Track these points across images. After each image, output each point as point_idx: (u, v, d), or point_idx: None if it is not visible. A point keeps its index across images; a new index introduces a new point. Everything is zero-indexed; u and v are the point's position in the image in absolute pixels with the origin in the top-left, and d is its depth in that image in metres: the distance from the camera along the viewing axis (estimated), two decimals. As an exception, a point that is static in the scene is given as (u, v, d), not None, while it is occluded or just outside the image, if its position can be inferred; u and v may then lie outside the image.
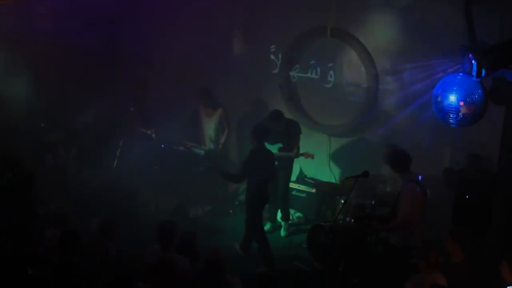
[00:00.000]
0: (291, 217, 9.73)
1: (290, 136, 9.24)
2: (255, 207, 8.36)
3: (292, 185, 9.92)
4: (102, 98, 10.12)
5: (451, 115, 6.92)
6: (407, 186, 7.00)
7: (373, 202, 8.38)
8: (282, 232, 9.56)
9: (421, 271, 5.94)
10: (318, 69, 9.97)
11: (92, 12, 10.02)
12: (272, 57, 10.40)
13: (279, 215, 9.70)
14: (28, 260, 5.98)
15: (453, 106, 6.87)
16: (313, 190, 9.82)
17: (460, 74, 6.97)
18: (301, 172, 10.15)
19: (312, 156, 9.27)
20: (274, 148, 9.27)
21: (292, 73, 10.24)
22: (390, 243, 7.14)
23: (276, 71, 10.36)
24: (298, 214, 9.89)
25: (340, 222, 8.37)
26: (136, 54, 10.83)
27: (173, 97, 11.00)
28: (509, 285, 5.66)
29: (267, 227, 9.66)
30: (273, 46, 10.37)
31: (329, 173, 9.98)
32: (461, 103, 6.84)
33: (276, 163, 9.26)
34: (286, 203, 9.58)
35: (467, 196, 7.94)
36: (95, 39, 9.94)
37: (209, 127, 10.33)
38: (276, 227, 9.69)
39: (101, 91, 10.28)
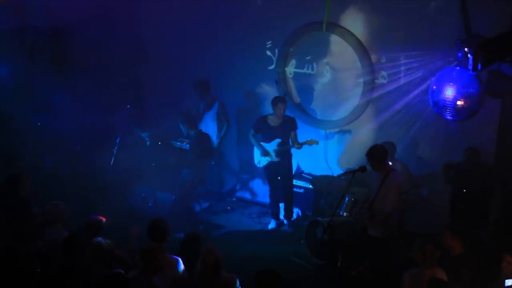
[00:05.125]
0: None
1: (286, 132, 9.27)
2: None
3: (290, 181, 9.92)
4: (98, 96, 10.12)
5: (448, 109, 6.94)
6: (393, 176, 7.04)
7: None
8: (287, 229, 9.57)
9: (419, 264, 5.96)
10: (314, 64, 9.96)
11: (86, 9, 9.99)
12: (268, 53, 10.38)
13: (281, 213, 9.71)
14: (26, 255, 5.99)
15: (449, 100, 6.89)
16: (311, 186, 9.82)
17: (457, 67, 6.99)
18: (298, 167, 10.15)
19: (316, 142, 9.28)
20: (272, 144, 9.28)
21: (288, 69, 10.23)
22: (370, 236, 7.22)
23: (272, 66, 10.34)
24: (296, 209, 9.88)
25: (338, 217, 8.38)
26: (131, 51, 10.81)
27: (169, 93, 10.99)
28: (508, 278, 5.68)
29: (271, 225, 9.68)
30: (270, 42, 10.34)
31: (327, 168, 9.98)
32: (458, 97, 6.86)
33: (278, 159, 9.31)
34: (290, 201, 9.58)
35: (464, 190, 7.96)
36: (91, 36, 9.92)
37: (206, 121, 10.30)
38: (281, 223, 9.70)
39: (97, 88, 10.26)
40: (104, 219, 6.70)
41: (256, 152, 9.54)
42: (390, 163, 7.67)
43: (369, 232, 7.27)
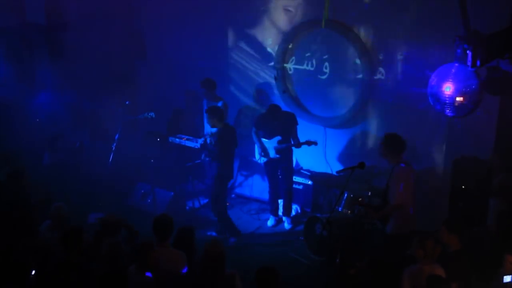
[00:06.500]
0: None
1: (287, 128, 9.25)
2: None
3: (289, 177, 9.93)
4: (97, 94, 10.13)
5: (447, 105, 6.93)
6: (397, 168, 6.97)
7: (369, 193, 8.40)
8: (286, 226, 9.60)
9: (419, 261, 5.96)
10: (314, 61, 9.96)
11: (85, 6, 9.99)
12: (269, 49, 10.38)
13: (280, 209, 9.71)
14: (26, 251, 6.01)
15: (449, 96, 6.88)
16: (310, 182, 9.83)
17: (456, 64, 6.98)
18: (297, 164, 10.15)
19: (316, 143, 9.27)
20: (273, 141, 9.28)
21: (288, 65, 10.23)
22: (386, 233, 7.13)
23: (271, 63, 10.34)
24: (295, 206, 9.89)
25: (337, 213, 8.38)
26: (130, 47, 10.79)
27: (168, 90, 10.98)
28: (508, 274, 5.69)
29: (270, 222, 9.68)
30: (270, 38, 10.34)
31: (326, 165, 9.99)
32: (457, 93, 6.86)
33: (277, 156, 9.31)
34: (289, 198, 9.57)
35: (463, 186, 7.94)
36: (90, 32, 9.92)
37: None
38: (280, 220, 9.71)
39: (96, 85, 10.26)
40: None
41: (257, 149, 9.55)
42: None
43: (385, 229, 7.20)
